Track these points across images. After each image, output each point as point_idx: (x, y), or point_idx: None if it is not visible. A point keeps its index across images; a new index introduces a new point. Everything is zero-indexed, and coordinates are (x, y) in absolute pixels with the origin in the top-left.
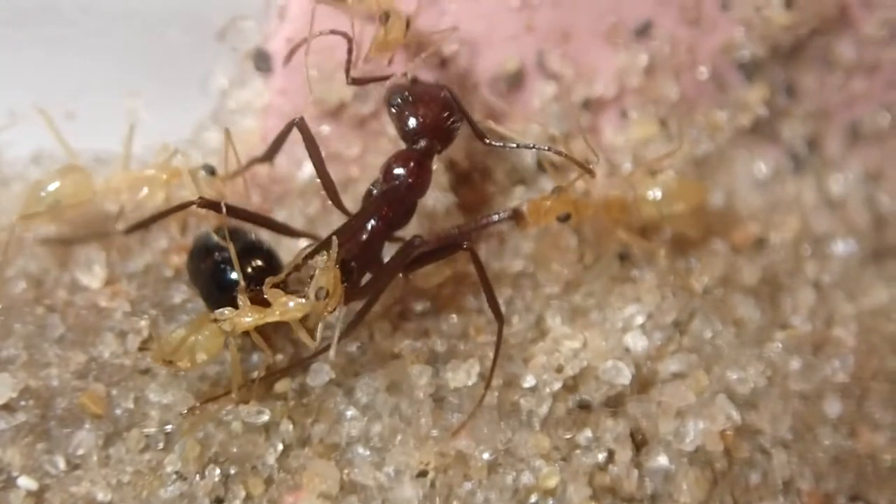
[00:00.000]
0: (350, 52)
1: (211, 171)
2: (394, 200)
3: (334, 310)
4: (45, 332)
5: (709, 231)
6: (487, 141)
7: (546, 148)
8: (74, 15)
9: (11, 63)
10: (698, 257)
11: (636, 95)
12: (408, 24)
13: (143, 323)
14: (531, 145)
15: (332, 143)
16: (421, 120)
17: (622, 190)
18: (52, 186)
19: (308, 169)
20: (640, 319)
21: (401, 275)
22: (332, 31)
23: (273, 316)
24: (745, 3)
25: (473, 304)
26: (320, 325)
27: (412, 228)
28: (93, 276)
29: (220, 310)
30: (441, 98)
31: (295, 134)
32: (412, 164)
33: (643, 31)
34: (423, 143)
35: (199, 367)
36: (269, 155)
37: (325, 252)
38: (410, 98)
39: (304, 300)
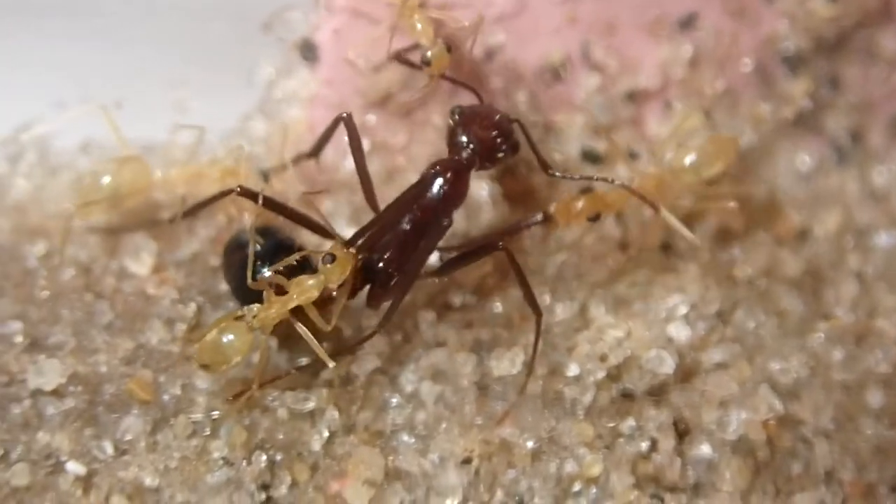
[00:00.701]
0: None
1: (265, 179)
2: (426, 207)
3: (346, 284)
4: (93, 318)
5: (752, 223)
6: (551, 172)
7: (610, 180)
8: (122, 6)
9: (60, 54)
10: (742, 248)
11: (680, 87)
12: (449, 49)
13: (191, 310)
14: (594, 178)
15: (377, 132)
16: (472, 135)
17: (656, 169)
18: (110, 176)
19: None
20: (683, 309)
21: (436, 279)
22: None
23: (293, 301)
24: None
25: (517, 294)
26: (364, 315)
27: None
28: (141, 264)
29: (247, 307)
30: (499, 122)
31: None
32: (450, 173)
33: (687, 23)
34: (465, 155)
35: (236, 367)
36: (316, 150)
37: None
38: (473, 113)
39: (319, 277)
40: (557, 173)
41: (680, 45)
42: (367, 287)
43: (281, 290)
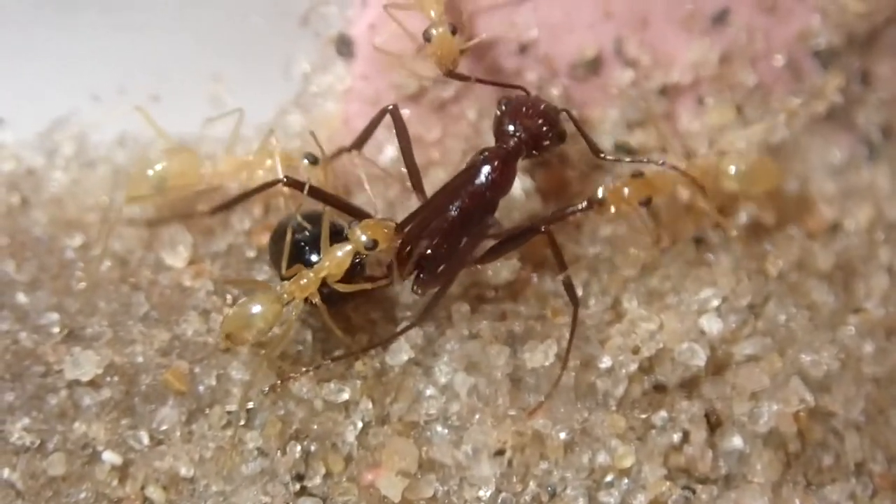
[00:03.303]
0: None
1: (314, 161)
2: (474, 194)
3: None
4: (129, 310)
5: (784, 217)
6: (602, 155)
7: (661, 163)
8: (159, 0)
9: (97, 47)
10: (773, 242)
11: (713, 82)
12: (454, 32)
13: (226, 302)
14: (645, 160)
15: (412, 126)
16: (519, 124)
17: (700, 168)
18: (160, 166)
19: (389, 153)
20: (715, 302)
21: (478, 266)
22: None
23: (324, 270)
24: None
25: (550, 287)
26: (398, 307)
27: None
28: (177, 256)
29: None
30: (546, 111)
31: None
32: (497, 161)
33: (720, 19)
34: (512, 143)
35: (259, 338)
36: (359, 143)
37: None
38: (520, 103)
39: (348, 246)
40: (609, 157)
41: (713, 41)
42: (415, 274)
43: None
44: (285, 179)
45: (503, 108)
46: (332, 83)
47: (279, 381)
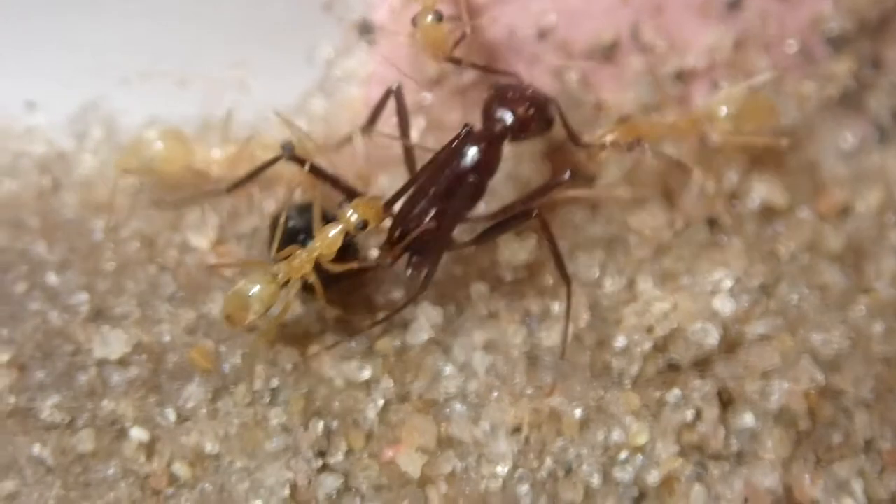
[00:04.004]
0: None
1: (291, 150)
2: (459, 175)
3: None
4: (157, 290)
5: (795, 199)
6: (581, 143)
7: (633, 141)
8: None
9: (124, 33)
10: (785, 224)
11: (727, 67)
12: (440, 19)
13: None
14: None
15: (434, 110)
16: (507, 108)
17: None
18: (156, 146)
19: (411, 135)
20: (728, 283)
21: (473, 247)
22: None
23: (316, 250)
24: None
25: (567, 267)
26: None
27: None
28: (203, 237)
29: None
30: (533, 96)
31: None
32: (484, 143)
33: (735, 5)
34: (498, 127)
35: (257, 319)
36: (370, 123)
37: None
38: (508, 88)
39: (339, 225)
40: (586, 141)
41: (728, 26)
42: (408, 256)
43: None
44: (287, 153)
45: (493, 91)
46: (354, 68)
47: (302, 359)
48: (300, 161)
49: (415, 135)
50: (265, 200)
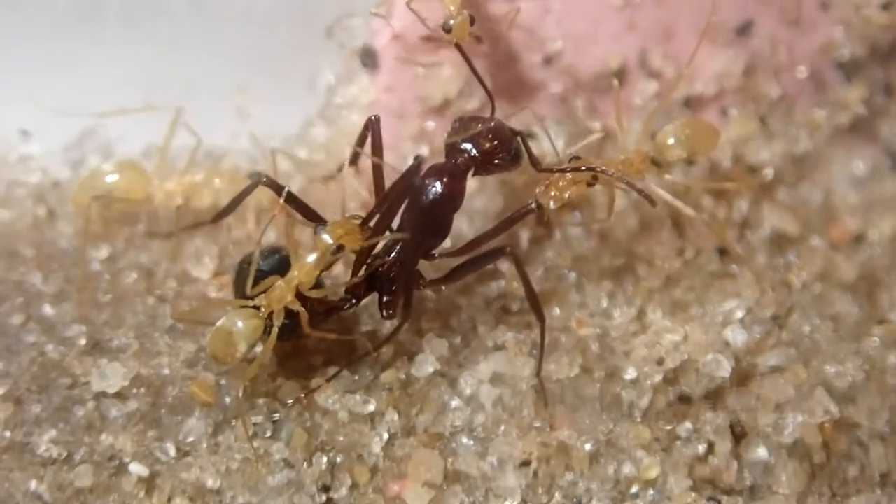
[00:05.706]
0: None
1: (257, 179)
2: (424, 211)
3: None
4: (155, 321)
5: (807, 228)
6: (539, 167)
7: (598, 169)
8: (185, 13)
9: (124, 60)
10: (797, 253)
11: (736, 94)
12: (472, 22)
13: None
14: (582, 169)
15: (437, 138)
16: (469, 141)
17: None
18: (110, 178)
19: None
20: (739, 314)
21: (443, 287)
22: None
23: (294, 279)
24: (844, 4)
25: (575, 298)
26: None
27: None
28: (202, 268)
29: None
30: (498, 130)
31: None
32: (446, 177)
33: (744, 31)
34: (460, 160)
35: (244, 357)
36: (354, 157)
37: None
38: (473, 121)
39: (316, 253)
40: (544, 167)
41: (737, 53)
42: (377, 297)
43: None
44: (265, 179)
45: (457, 124)
46: (356, 95)
47: (304, 394)
48: (277, 187)
49: None
50: (264, 233)
